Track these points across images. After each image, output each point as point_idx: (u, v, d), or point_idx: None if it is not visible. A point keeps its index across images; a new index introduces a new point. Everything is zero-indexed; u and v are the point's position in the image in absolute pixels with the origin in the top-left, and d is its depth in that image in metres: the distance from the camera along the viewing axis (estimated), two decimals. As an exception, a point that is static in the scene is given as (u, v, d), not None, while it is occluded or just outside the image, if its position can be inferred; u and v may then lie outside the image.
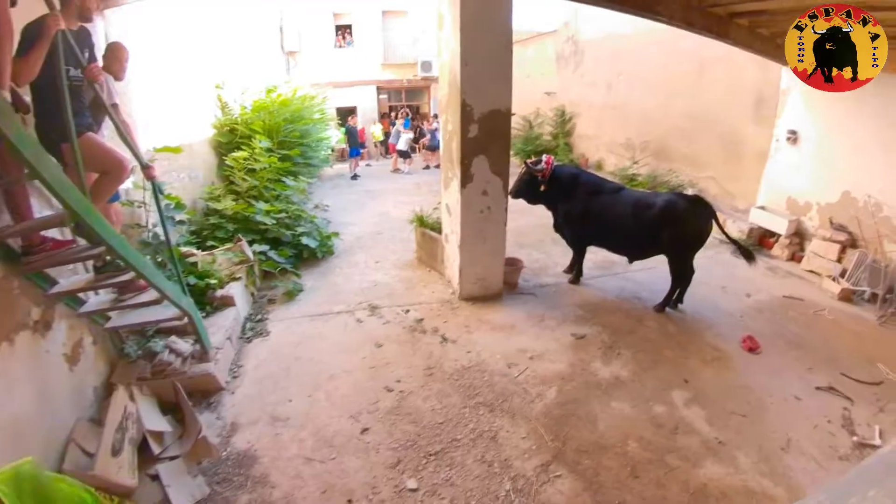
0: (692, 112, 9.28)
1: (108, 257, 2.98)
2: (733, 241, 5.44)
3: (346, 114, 17.10)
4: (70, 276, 3.13)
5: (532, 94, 14.25)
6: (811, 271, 6.65)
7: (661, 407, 3.72)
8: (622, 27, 9.93)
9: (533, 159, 5.55)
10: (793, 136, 7.34)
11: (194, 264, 4.68)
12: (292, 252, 6.17)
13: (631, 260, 5.55)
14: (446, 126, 5.22)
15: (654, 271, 5.85)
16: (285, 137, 8.44)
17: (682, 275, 5.14)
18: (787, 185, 7.58)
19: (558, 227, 5.75)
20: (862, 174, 6.42)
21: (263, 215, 6.14)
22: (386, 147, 16.19)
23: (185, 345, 3.76)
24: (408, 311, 5.09)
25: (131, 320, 3.47)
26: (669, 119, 9.87)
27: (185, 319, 3.54)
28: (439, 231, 5.95)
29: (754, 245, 7.45)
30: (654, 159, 10.14)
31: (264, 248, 5.83)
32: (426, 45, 16.54)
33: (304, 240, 6.33)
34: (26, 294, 2.76)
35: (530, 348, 4.40)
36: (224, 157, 7.33)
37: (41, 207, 2.88)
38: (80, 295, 3.17)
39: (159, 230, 3.95)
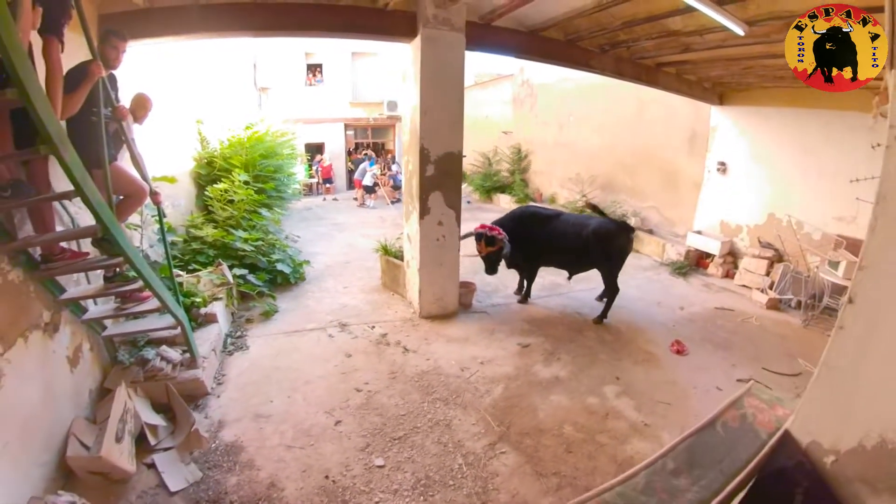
0: (634, 148, 10.08)
1: (117, 269, 3.43)
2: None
3: (314, 150, 17.66)
4: (74, 287, 3.47)
5: (491, 133, 14.96)
6: (743, 286, 7.41)
7: (594, 399, 4.27)
8: (571, 72, 10.28)
9: (485, 240, 5.70)
10: (722, 167, 8.21)
11: (180, 284, 5.04)
12: (268, 277, 6.55)
13: (570, 275, 6.26)
14: (408, 166, 5.85)
15: (595, 291, 6.54)
16: (260, 172, 8.87)
17: (612, 285, 5.87)
18: (719, 210, 8.43)
19: (514, 265, 6.28)
20: (784, 197, 7.30)
21: (242, 242, 6.57)
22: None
23: (174, 353, 4.11)
24: (373, 327, 5.58)
25: (128, 329, 3.89)
26: (614, 155, 10.67)
27: (178, 329, 3.95)
28: (401, 258, 6.46)
29: (692, 266, 8.24)
30: (602, 192, 10.88)
31: (243, 271, 6.22)
32: (393, 86, 17.13)
33: (279, 266, 6.76)
34: (40, 298, 3.01)
35: (481, 355, 4.97)
36: (203, 188, 7.72)
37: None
38: (82, 303, 3.49)
39: (149, 251, 4.43)
